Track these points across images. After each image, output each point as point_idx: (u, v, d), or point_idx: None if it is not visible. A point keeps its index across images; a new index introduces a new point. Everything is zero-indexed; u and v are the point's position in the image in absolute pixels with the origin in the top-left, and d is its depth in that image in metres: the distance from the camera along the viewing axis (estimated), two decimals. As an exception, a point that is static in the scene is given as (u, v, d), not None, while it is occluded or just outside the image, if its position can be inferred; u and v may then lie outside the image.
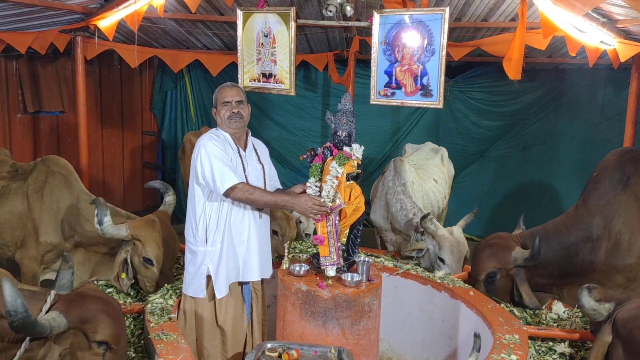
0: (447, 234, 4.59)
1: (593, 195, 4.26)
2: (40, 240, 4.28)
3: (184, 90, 8.56)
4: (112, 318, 2.69)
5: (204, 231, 3.42)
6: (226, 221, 3.42)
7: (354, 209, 3.39)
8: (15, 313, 2.26)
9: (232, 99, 3.48)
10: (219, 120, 3.52)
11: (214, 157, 3.30)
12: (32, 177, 4.42)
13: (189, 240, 3.50)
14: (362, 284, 3.30)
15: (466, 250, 4.62)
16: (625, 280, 4.13)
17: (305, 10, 5.97)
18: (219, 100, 3.51)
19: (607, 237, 4.14)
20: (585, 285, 3.22)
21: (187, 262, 3.53)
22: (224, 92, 3.52)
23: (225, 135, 3.50)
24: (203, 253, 3.42)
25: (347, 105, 3.40)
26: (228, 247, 3.44)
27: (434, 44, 4.40)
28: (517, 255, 4.20)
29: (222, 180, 3.26)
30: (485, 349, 3.32)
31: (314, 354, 2.95)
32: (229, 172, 3.27)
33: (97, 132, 7.95)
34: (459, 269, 4.52)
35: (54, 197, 4.34)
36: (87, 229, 4.22)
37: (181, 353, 2.96)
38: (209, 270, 3.42)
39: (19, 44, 5.71)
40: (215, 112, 3.54)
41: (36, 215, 4.30)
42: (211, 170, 3.28)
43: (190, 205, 3.49)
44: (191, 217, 3.48)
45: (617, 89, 6.89)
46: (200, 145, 3.39)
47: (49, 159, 4.53)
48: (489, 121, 7.74)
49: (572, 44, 4.32)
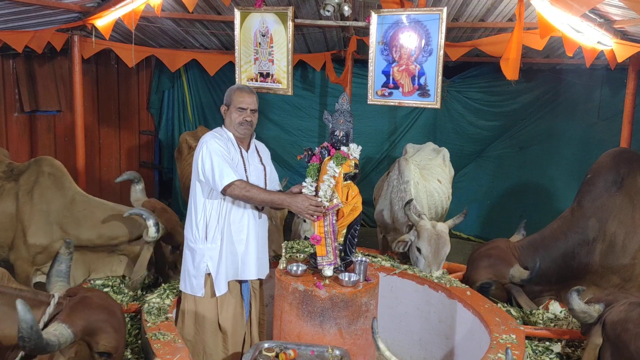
0: (428, 225, 4.50)
1: (588, 197, 4.26)
2: (29, 242, 4.18)
3: (181, 90, 8.54)
4: (116, 330, 2.68)
5: (204, 228, 3.42)
6: (226, 219, 3.43)
7: (351, 208, 3.39)
8: (30, 339, 2.23)
9: (249, 106, 3.45)
10: (228, 121, 3.48)
11: (215, 154, 3.30)
12: (24, 177, 4.35)
13: (188, 237, 3.50)
14: (359, 284, 3.30)
15: (447, 247, 4.47)
16: (620, 280, 4.14)
17: (303, 9, 5.97)
18: (234, 103, 3.45)
19: (602, 238, 4.14)
20: (574, 288, 3.21)
21: (186, 260, 3.53)
22: (243, 96, 3.46)
23: (229, 135, 3.48)
24: (202, 250, 3.42)
25: (345, 105, 3.40)
26: (227, 245, 3.44)
27: (432, 44, 4.40)
28: (515, 274, 4.19)
29: (221, 176, 3.26)
30: (482, 348, 3.33)
31: (311, 354, 2.95)
32: (229, 169, 3.27)
33: (94, 132, 7.93)
34: (436, 263, 4.40)
35: (44, 198, 4.25)
36: (82, 232, 4.18)
37: (178, 353, 2.95)
38: (208, 268, 3.42)
39: (15, 43, 5.70)
40: (226, 111, 3.49)
41: (25, 217, 4.22)
42: (211, 166, 3.28)
43: (191, 203, 3.50)
44: (192, 214, 3.48)
45: (614, 90, 6.90)
46: (202, 142, 3.38)
47: (42, 160, 4.47)
48: (487, 121, 7.75)
49: (569, 44, 4.33)
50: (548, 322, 3.94)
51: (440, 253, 4.43)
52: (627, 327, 2.91)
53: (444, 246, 4.46)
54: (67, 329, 2.45)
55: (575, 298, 3.16)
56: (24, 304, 2.22)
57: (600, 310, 3.12)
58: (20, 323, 2.20)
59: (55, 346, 2.37)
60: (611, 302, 3.14)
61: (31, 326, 2.21)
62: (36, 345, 2.26)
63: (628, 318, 2.94)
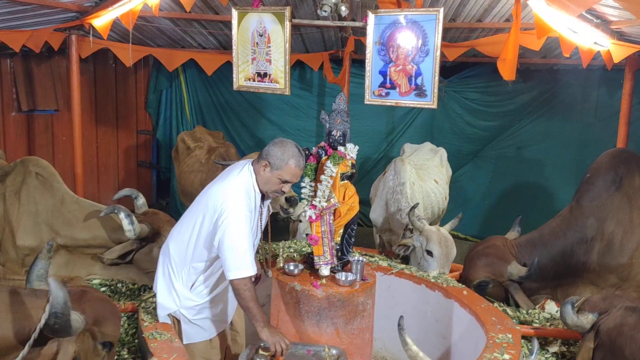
0: (434, 229, 4.59)
1: (586, 196, 4.29)
2: (18, 243, 4.07)
3: (179, 89, 8.55)
4: (119, 319, 2.74)
5: (193, 278, 3.18)
6: (217, 279, 3.23)
7: (348, 208, 3.40)
8: (62, 314, 2.23)
9: (294, 181, 3.13)
10: (263, 180, 3.07)
11: (241, 235, 2.94)
12: (10, 178, 4.20)
13: (175, 264, 3.18)
14: (356, 283, 3.31)
15: (455, 248, 4.62)
16: (618, 279, 4.15)
17: (301, 10, 5.98)
18: (283, 172, 3.05)
19: (600, 237, 4.16)
20: (567, 300, 3.22)
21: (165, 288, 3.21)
22: (296, 172, 3.08)
23: (257, 191, 3.11)
24: (183, 293, 3.18)
25: (342, 105, 3.41)
26: (211, 302, 3.25)
27: (429, 45, 4.41)
28: (513, 271, 4.21)
29: (240, 265, 2.94)
30: (478, 348, 3.34)
31: (307, 353, 2.95)
32: (248, 262, 2.96)
33: (92, 131, 7.93)
34: (448, 265, 4.49)
35: (31, 199, 4.13)
36: (73, 232, 4.14)
37: (175, 352, 2.95)
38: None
39: (13, 42, 5.70)
40: (267, 169, 3.05)
41: (13, 218, 4.10)
42: (232, 248, 2.94)
43: (187, 243, 3.13)
44: (183, 253, 3.15)
45: (611, 90, 6.92)
46: (231, 208, 2.95)
47: (28, 160, 4.31)
48: (484, 121, 7.76)
49: (566, 45, 4.34)
50: (544, 321, 3.95)
51: (450, 255, 4.57)
52: (623, 331, 2.93)
53: (453, 248, 4.60)
54: (80, 316, 2.48)
55: (569, 311, 3.16)
56: (56, 280, 2.23)
57: (594, 320, 3.13)
58: (55, 298, 2.20)
59: (75, 330, 2.41)
60: (605, 310, 3.14)
61: (65, 302, 2.22)
62: (64, 324, 2.27)
63: (624, 323, 2.96)
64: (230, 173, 3.13)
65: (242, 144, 8.15)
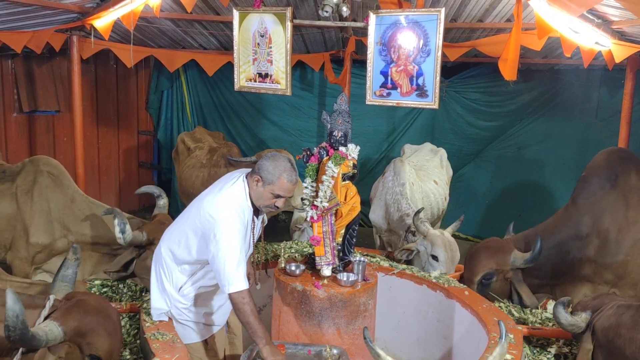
0: (439, 233, 4.63)
1: (582, 194, 4.33)
2: (31, 241, 4.19)
3: (180, 90, 8.55)
4: (109, 334, 2.63)
5: (182, 281, 3.18)
6: (205, 287, 3.22)
7: (349, 208, 3.40)
8: (14, 328, 2.21)
9: (287, 195, 3.06)
10: (256, 195, 3.02)
11: (234, 249, 2.89)
12: (21, 177, 4.32)
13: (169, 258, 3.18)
14: (357, 284, 3.31)
15: (458, 252, 4.67)
16: (614, 277, 4.17)
17: (302, 10, 5.98)
18: (275, 186, 2.98)
19: (596, 234, 4.20)
20: (558, 301, 3.23)
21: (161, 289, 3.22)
22: (288, 187, 3.01)
23: (250, 207, 3.06)
24: (171, 295, 3.19)
25: (343, 106, 3.42)
26: (199, 304, 3.25)
27: (430, 45, 4.41)
28: (517, 257, 4.23)
29: (233, 279, 2.88)
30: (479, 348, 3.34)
31: (308, 353, 2.96)
32: (242, 274, 2.91)
33: (93, 132, 7.93)
34: (453, 268, 4.53)
35: (44, 197, 4.25)
36: (83, 229, 4.19)
37: (177, 352, 2.95)
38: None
39: (14, 43, 5.70)
40: (260, 183, 3.00)
41: (26, 217, 4.21)
42: (225, 262, 2.88)
43: (177, 246, 3.12)
44: (174, 255, 3.15)
45: (612, 90, 6.92)
46: (224, 222, 2.92)
47: (38, 159, 4.43)
48: (485, 121, 7.76)
49: (567, 45, 4.34)
50: (546, 321, 3.95)
51: (455, 259, 4.62)
52: (620, 332, 2.93)
53: (457, 252, 4.65)
54: (58, 327, 2.44)
55: (562, 312, 3.17)
56: (13, 292, 2.20)
57: (588, 319, 3.14)
58: (7, 311, 2.19)
59: (42, 341, 2.36)
60: (598, 307, 3.15)
61: (17, 315, 2.20)
62: (21, 335, 2.25)
63: (620, 323, 2.96)
64: (225, 184, 3.09)
65: (243, 145, 8.15)
